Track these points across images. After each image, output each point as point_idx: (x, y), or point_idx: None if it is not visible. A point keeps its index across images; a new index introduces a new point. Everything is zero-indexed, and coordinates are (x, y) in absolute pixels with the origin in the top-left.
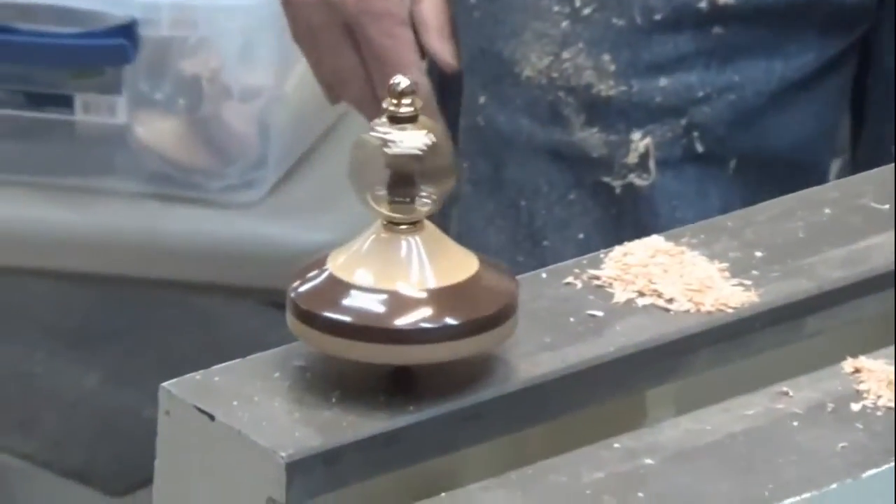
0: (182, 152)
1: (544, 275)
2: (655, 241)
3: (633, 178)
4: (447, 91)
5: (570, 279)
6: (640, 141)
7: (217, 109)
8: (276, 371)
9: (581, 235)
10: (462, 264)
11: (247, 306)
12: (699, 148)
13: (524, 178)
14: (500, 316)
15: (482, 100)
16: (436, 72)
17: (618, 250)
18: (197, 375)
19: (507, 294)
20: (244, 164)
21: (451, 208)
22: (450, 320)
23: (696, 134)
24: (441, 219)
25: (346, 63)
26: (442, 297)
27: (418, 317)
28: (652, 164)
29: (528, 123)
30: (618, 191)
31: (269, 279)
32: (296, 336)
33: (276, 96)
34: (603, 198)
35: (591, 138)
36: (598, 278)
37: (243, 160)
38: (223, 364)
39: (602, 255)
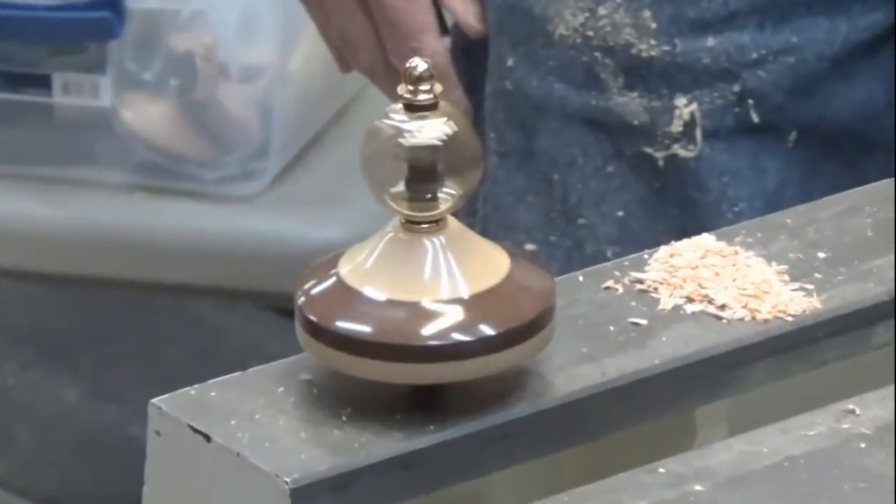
0: (173, 139)
1: (581, 277)
2: (706, 240)
3: (678, 149)
4: (469, 54)
5: (609, 283)
6: (685, 107)
7: (213, 91)
8: (279, 385)
9: (620, 213)
10: (493, 264)
11: (247, 312)
12: (754, 118)
13: (557, 149)
14: (540, 321)
15: (510, 62)
16: (459, 36)
17: (663, 251)
18: (191, 390)
19: (544, 294)
20: (243, 153)
21: (478, 185)
22: (486, 330)
23: (750, 102)
24: (469, 199)
25: (356, 27)
26: (474, 305)
27: (450, 329)
28: (698, 133)
29: (561, 88)
30: (660, 163)
31: (271, 282)
32: (305, 350)
33: (279, 76)
34: (644, 170)
35: (631, 104)
36: (641, 282)
37: (242, 148)
38: (220, 378)
39: (646, 256)
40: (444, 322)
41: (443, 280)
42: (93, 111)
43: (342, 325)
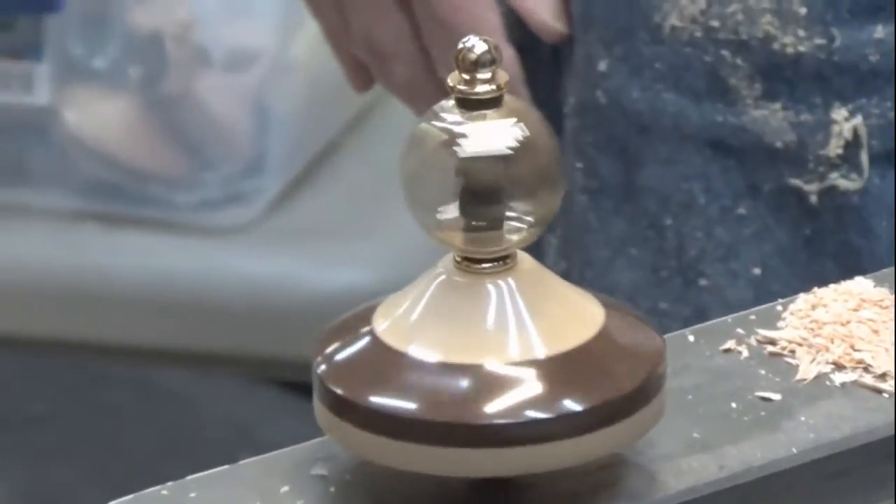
0: (134, 149)
1: (692, 337)
2: (860, 286)
3: (837, 179)
4: (544, 55)
5: (730, 344)
6: (847, 122)
7: (188, 83)
8: (283, 483)
9: (757, 270)
10: (580, 316)
11: (234, 385)
12: None
13: (670, 183)
14: (644, 393)
15: (603, 66)
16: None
17: (803, 300)
18: (162, 490)
19: (651, 357)
20: (230, 168)
21: (548, 233)
22: (571, 405)
23: None
24: (535, 250)
25: (391, 29)
26: (555, 369)
27: (523, 403)
28: (864, 157)
29: (674, 99)
30: (813, 199)
31: (268, 343)
32: (328, 435)
33: (278, 65)
34: (790, 210)
35: (772, 119)
36: (773, 342)
37: (229, 161)
38: (202, 473)
39: (779, 308)
40: (517, 393)
41: (511, 336)
42: (24, 111)
43: (380, 399)
